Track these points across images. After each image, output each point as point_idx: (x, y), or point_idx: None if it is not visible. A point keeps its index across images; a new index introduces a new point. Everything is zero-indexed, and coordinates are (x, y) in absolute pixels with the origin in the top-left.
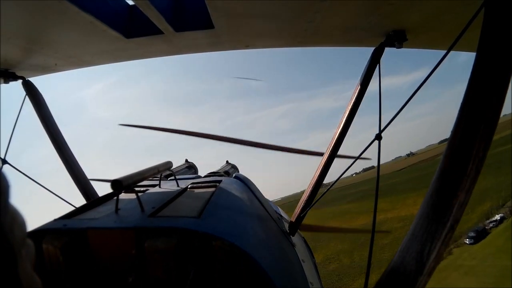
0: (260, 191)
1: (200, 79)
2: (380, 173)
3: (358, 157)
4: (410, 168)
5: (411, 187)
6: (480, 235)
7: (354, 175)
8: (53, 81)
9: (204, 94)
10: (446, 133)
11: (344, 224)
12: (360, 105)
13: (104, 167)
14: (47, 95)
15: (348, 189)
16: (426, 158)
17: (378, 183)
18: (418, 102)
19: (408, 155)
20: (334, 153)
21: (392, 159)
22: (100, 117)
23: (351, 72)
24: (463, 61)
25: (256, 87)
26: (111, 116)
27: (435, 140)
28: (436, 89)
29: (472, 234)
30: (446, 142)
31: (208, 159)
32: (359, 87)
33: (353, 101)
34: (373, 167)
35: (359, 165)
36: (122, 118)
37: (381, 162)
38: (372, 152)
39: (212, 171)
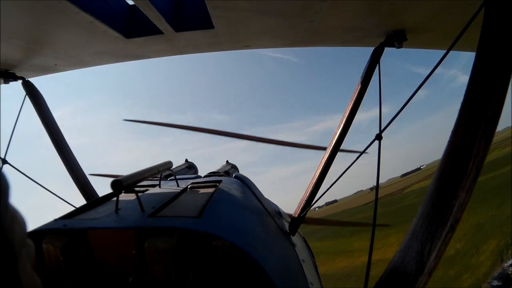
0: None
1: (164, 109)
2: (345, 208)
3: (358, 157)
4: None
5: (382, 223)
6: (506, 282)
7: (317, 209)
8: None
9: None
10: (408, 167)
11: (322, 267)
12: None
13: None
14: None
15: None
16: (390, 192)
17: (378, 184)
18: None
19: (371, 189)
20: (334, 153)
21: (354, 193)
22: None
23: (314, 108)
24: (425, 95)
25: (221, 120)
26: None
27: (396, 173)
28: (396, 124)
29: (496, 283)
30: (408, 176)
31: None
32: (359, 87)
33: (353, 101)
34: (335, 201)
35: (322, 200)
36: (83, 145)
37: (343, 196)
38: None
39: (212, 171)
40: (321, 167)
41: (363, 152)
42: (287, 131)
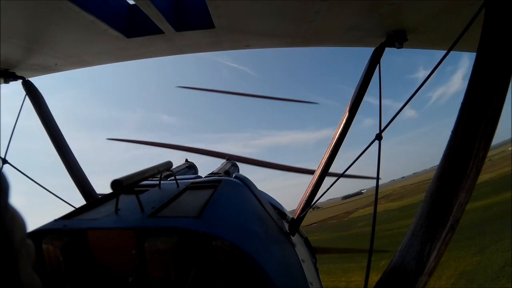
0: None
1: (112, 102)
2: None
3: (358, 157)
4: (322, 223)
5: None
6: None
7: None
8: None
9: (116, 121)
10: (350, 190)
11: None
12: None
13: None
14: None
15: None
16: (334, 215)
17: (378, 185)
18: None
19: (343, 198)
20: (334, 153)
21: (325, 200)
22: None
23: (263, 123)
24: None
25: (169, 122)
26: None
27: (338, 194)
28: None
29: None
30: (349, 199)
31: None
32: (360, 87)
33: (353, 100)
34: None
35: None
36: None
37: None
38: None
39: (212, 171)
40: (321, 167)
41: (363, 152)
42: (231, 141)
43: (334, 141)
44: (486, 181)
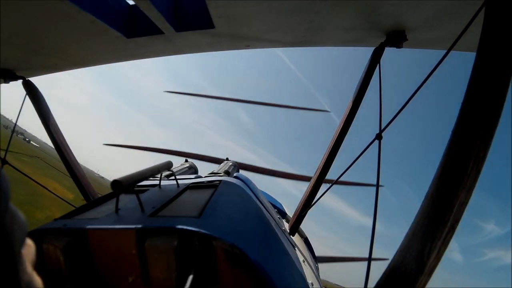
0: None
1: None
2: None
3: (358, 158)
4: None
5: None
6: None
7: None
8: None
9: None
10: None
11: None
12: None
13: None
14: None
15: None
16: None
17: (378, 185)
18: None
19: None
20: (334, 153)
21: None
22: None
23: None
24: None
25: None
26: None
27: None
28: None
29: None
30: None
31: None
32: (360, 86)
33: (353, 100)
34: None
35: None
36: None
37: None
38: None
39: (212, 171)
40: (322, 166)
41: (363, 152)
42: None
43: (335, 140)
44: None
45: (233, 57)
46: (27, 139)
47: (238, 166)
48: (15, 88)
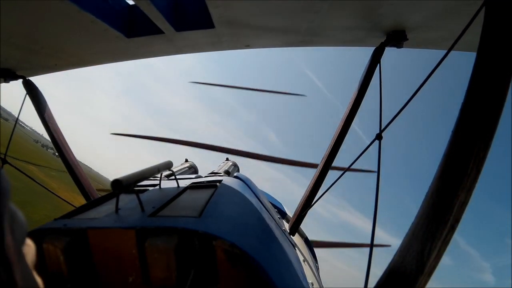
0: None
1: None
2: None
3: (358, 157)
4: None
5: None
6: None
7: None
8: None
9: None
10: None
11: None
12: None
13: None
14: None
15: None
16: None
17: (378, 185)
18: None
19: None
20: (335, 152)
21: None
22: None
23: None
24: None
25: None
26: None
27: None
28: None
29: None
30: None
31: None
32: (360, 86)
33: (354, 100)
34: None
35: None
36: None
37: None
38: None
39: (212, 170)
40: (322, 166)
41: (363, 152)
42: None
43: (335, 140)
44: None
45: (232, 55)
46: (56, 154)
47: (236, 153)
48: (16, 88)
